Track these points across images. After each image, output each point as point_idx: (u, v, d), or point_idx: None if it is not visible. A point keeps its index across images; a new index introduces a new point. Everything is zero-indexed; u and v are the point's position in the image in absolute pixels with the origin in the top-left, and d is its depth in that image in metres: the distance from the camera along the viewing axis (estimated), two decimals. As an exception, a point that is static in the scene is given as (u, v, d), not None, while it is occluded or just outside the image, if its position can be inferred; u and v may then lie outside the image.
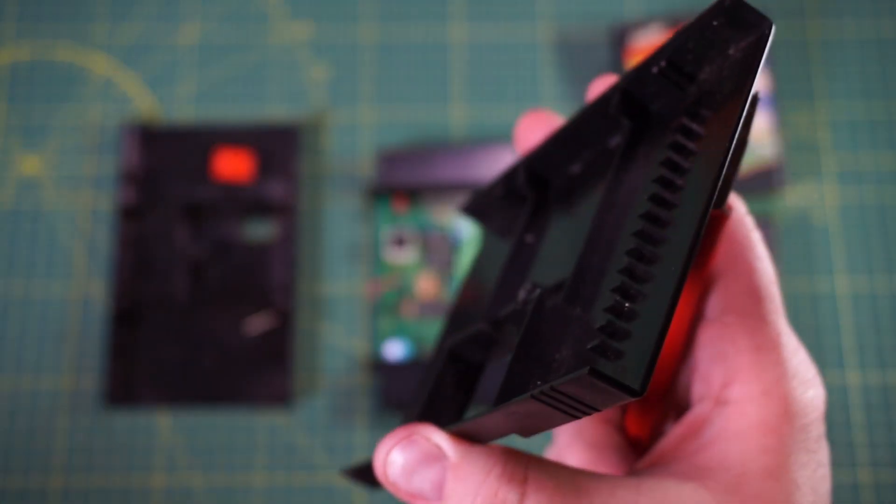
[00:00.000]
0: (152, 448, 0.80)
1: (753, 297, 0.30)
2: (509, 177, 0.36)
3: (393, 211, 0.86)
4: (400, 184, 0.84)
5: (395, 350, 0.82)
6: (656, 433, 0.33)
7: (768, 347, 0.29)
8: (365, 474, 0.35)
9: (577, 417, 0.24)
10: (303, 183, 0.87)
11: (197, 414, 0.81)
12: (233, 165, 0.86)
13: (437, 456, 0.28)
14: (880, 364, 0.81)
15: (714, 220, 0.30)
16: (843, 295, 0.83)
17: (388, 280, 0.84)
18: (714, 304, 0.30)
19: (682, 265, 0.24)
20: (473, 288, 0.38)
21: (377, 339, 0.83)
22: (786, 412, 0.29)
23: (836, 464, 0.78)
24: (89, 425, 0.81)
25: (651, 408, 0.33)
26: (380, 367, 0.80)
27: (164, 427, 0.81)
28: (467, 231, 0.84)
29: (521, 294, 0.31)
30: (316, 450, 0.81)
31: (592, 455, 0.34)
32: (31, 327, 0.83)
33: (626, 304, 0.25)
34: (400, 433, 0.29)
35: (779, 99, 0.88)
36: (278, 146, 0.87)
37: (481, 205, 0.39)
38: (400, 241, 0.84)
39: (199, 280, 0.84)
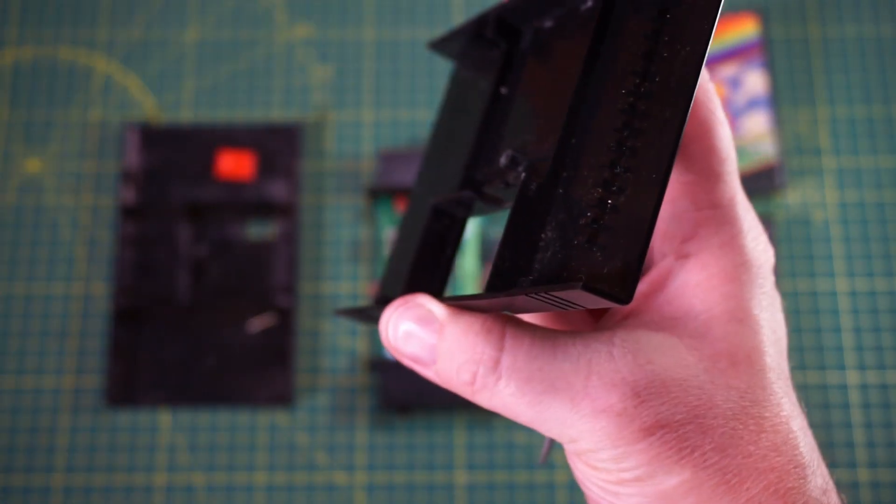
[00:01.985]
0: (154, 447, 0.81)
1: (713, 159, 0.31)
2: (480, 22, 0.36)
3: (394, 211, 0.86)
4: (400, 184, 0.84)
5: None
6: None
7: (725, 205, 0.31)
8: (357, 314, 0.37)
9: (563, 310, 0.27)
10: (304, 183, 0.87)
11: (198, 413, 0.82)
12: (234, 165, 0.86)
13: (430, 319, 0.30)
14: (880, 364, 0.82)
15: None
16: (843, 294, 0.83)
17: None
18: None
19: (667, 162, 0.25)
20: (448, 132, 0.38)
21: (378, 338, 0.83)
22: (743, 262, 0.30)
23: (835, 464, 0.79)
24: (91, 424, 0.81)
25: None
26: (380, 367, 0.80)
27: (166, 426, 0.81)
28: (468, 231, 0.84)
29: (503, 160, 0.31)
30: (317, 449, 0.81)
31: (558, 315, 0.36)
32: (34, 327, 0.83)
33: (610, 202, 0.26)
34: (399, 300, 0.31)
35: (779, 99, 0.88)
36: (280, 146, 0.87)
37: (451, 44, 0.39)
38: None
39: (201, 279, 0.85)
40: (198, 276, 0.84)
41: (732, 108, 0.87)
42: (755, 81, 0.88)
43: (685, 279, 0.30)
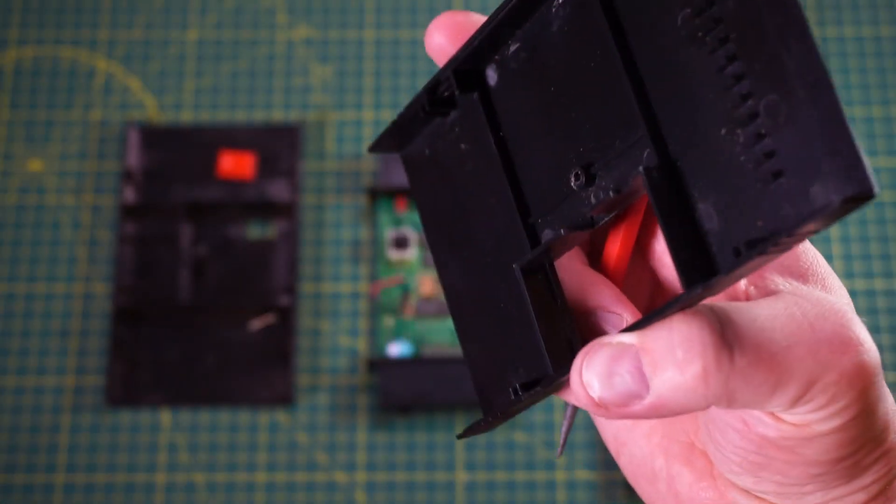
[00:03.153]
0: (154, 446, 0.81)
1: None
2: (432, 89, 0.34)
3: (394, 211, 0.86)
4: (400, 184, 0.84)
5: (396, 349, 0.82)
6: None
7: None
8: (479, 426, 0.33)
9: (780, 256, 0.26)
10: (304, 183, 0.87)
11: (198, 413, 0.82)
12: (235, 165, 0.86)
13: (624, 349, 0.27)
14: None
15: None
16: (842, 295, 0.83)
17: (389, 280, 0.84)
18: None
19: (811, 43, 0.24)
20: (457, 210, 0.35)
21: (378, 338, 0.83)
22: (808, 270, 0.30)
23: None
24: (92, 423, 0.81)
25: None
26: (380, 367, 0.80)
27: (166, 425, 0.82)
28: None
29: (575, 181, 0.30)
30: (317, 448, 0.81)
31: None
32: (35, 326, 0.84)
33: (764, 132, 0.25)
34: (578, 358, 0.28)
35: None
36: (280, 146, 0.87)
37: (398, 133, 0.36)
38: (401, 242, 0.85)
39: (202, 279, 0.85)
40: (198, 276, 0.85)
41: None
42: (755, 82, 0.88)
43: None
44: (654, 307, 0.34)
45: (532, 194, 0.32)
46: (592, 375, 0.27)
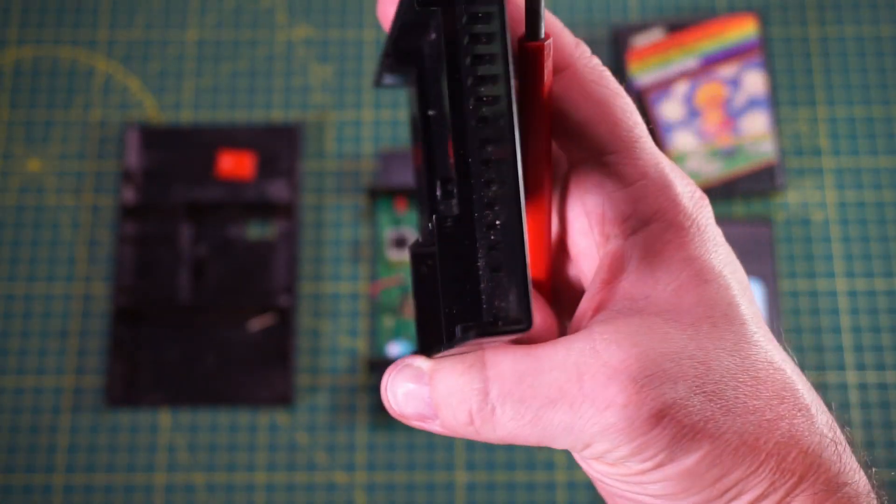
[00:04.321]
0: (154, 447, 0.81)
1: (621, 132, 0.30)
2: (387, 51, 0.35)
3: (394, 211, 0.86)
4: (400, 184, 0.84)
5: (396, 349, 0.82)
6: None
7: (651, 172, 0.30)
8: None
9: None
10: (304, 183, 0.87)
11: (198, 413, 0.82)
12: (234, 165, 0.86)
13: (420, 375, 0.30)
14: (879, 364, 0.82)
15: (534, 50, 0.29)
16: (842, 294, 0.83)
17: (389, 280, 0.84)
18: (587, 146, 0.31)
19: (513, 172, 0.25)
20: (420, 162, 0.37)
21: (378, 338, 0.83)
22: (690, 221, 0.30)
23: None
24: (91, 424, 0.81)
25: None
26: (380, 367, 0.80)
27: (166, 426, 0.81)
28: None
29: (438, 192, 0.31)
30: (317, 449, 0.81)
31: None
32: (34, 326, 0.83)
33: (497, 223, 0.26)
34: (391, 366, 0.32)
35: (778, 99, 0.88)
36: (280, 146, 0.87)
37: (393, 71, 0.37)
38: (401, 242, 0.85)
39: (201, 279, 0.85)
40: (198, 276, 0.85)
41: (732, 109, 0.87)
42: (755, 82, 0.88)
43: (642, 255, 0.30)
44: (559, 271, 0.35)
45: (430, 190, 0.33)
46: (395, 390, 0.31)
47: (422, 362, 0.30)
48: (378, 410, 0.81)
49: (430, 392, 0.30)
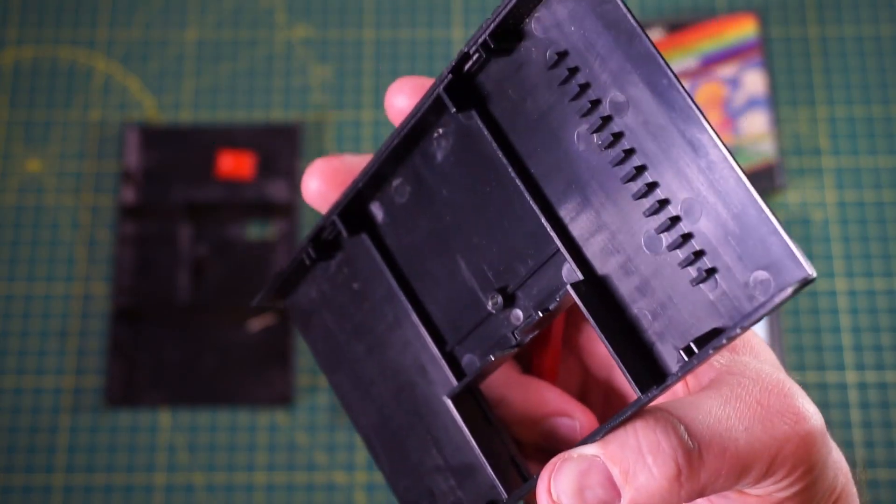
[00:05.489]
0: (153, 447, 0.81)
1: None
2: (315, 236, 0.35)
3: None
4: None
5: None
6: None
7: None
8: None
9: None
10: (304, 183, 0.87)
11: (198, 413, 0.82)
12: (234, 165, 0.86)
13: (590, 462, 0.27)
14: (878, 364, 0.82)
15: None
16: (842, 294, 0.83)
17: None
18: None
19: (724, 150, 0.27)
20: (352, 357, 0.35)
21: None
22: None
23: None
24: (91, 424, 0.81)
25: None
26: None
27: (165, 426, 0.81)
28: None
29: (492, 305, 0.30)
30: (317, 449, 0.81)
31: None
32: (34, 326, 0.83)
33: (685, 228, 0.26)
34: (543, 475, 0.28)
35: (778, 99, 0.88)
36: (280, 146, 0.87)
37: (282, 286, 0.36)
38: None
39: (201, 279, 0.85)
40: (197, 276, 0.85)
41: (732, 108, 0.87)
42: (754, 81, 0.88)
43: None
44: (587, 396, 0.34)
45: (443, 323, 0.32)
46: (561, 493, 0.27)
47: (578, 451, 0.28)
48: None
49: (611, 467, 0.27)
